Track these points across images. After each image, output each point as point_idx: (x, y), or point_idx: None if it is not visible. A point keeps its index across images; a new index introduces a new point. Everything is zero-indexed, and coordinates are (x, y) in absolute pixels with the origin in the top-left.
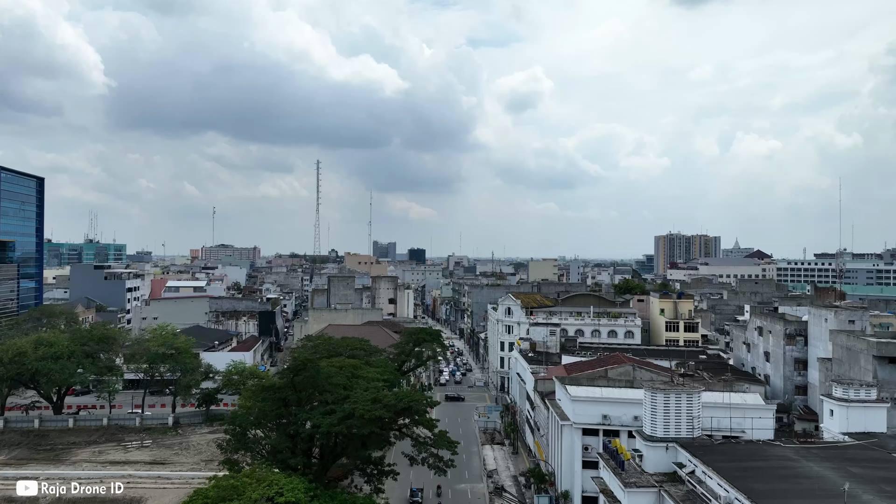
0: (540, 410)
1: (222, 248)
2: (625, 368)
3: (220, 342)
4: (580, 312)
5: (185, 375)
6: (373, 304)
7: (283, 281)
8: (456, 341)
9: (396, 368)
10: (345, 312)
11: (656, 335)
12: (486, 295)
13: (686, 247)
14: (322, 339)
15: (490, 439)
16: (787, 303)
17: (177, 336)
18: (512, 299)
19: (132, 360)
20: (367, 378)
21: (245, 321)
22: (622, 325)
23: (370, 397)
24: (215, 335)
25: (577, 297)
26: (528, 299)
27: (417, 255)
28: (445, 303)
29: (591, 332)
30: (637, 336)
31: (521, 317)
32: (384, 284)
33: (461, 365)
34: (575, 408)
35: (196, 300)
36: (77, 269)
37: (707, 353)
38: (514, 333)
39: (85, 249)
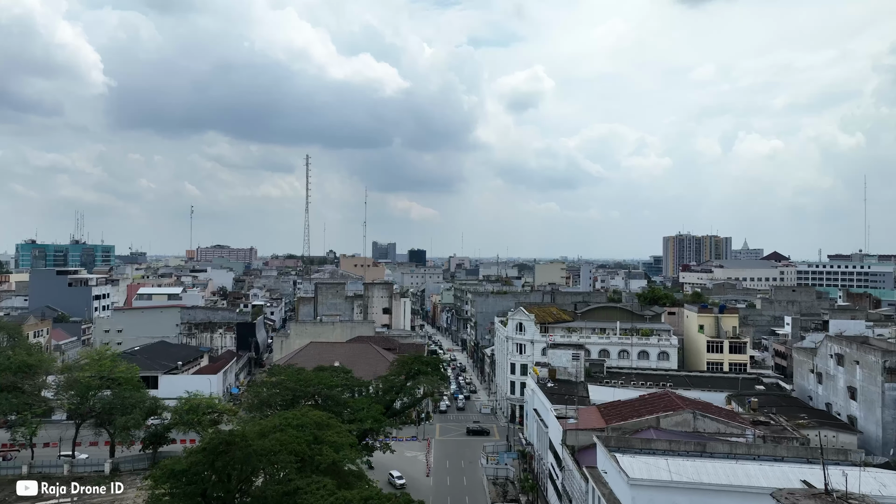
0: (572, 476)
1: (218, 249)
2: (682, 417)
3: (185, 361)
4: (604, 329)
5: (123, 414)
6: (365, 315)
7: (273, 285)
8: (458, 354)
9: (383, 410)
10: (332, 326)
11: (695, 356)
12: (491, 304)
13: (696, 248)
14: (288, 375)
15: (502, 495)
16: (838, 315)
17: (117, 363)
18: (524, 313)
19: (64, 391)
20: (331, 444)
21: (221, 334)
22: (655, 345)
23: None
24: (182, 353)
25: (598, 310)
26: (543, 313)
27: (418, 257)
28: (447, 310)
29: (617, 353)
30: (673, 358)
31: (535, 334)
32: (378, 292)
33: (464, 385)
34: (635, 496)
35: (166, 311)
36: (37, 275)
37: (762, 381)
38: (526, 354)
39: (71, 251)
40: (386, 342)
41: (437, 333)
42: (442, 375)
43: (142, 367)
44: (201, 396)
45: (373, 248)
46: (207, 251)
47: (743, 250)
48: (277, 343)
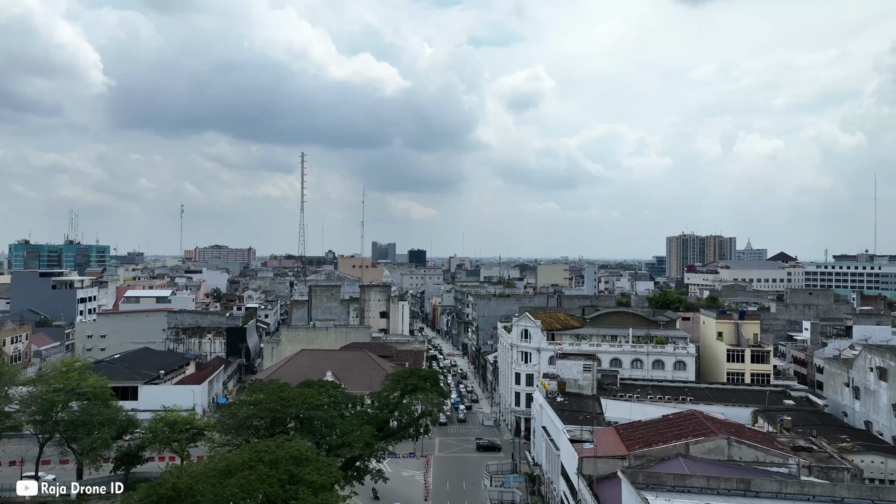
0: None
1: (216, 249)
2: (715, 443)
3: (169, 370)
4: (615, 336)
5: (89, 433)
6: (361, 320)
7: (269, 287)
8: (458, 359)
9: (375, 432)
10: (325, 332)
11: (713, 366)
12: (493, 307)
13: (700, 248)
14: (269, 393)
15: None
16: (863, 320)
17: (85, 376)
18: (530, 319)
19: (26, 406)
20: (310, 484)
21: (210, 339)
22: (671, 354)
23: None
24: (166, 360)
25: (608, 316)
26: (550, 319)
27: (418, 257)
28: (447, 312)
29: (630, 362)
30: (690, 368)
31: (542, 342)
32: (375, 295)
33: (465, 394)
34: None
35: (152, 315)
36: (19, 277)
37: (790, 394)
38: (532, 363)
39: (65, 251)
40: (382, 349)
41: (436, 337)
42: (441, 391)
43: (122, 377)
44: (178, 412)
45: (372, 248)
46: (205, 251)
47: (746, 251)
48: (268, 350)
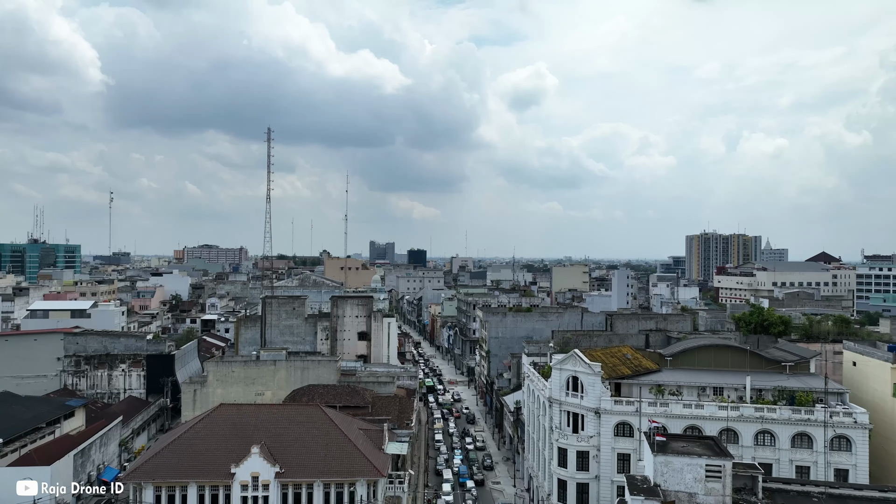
0: None
1: (205, 249)
2: None
3: (31, 429)
4: (720, 388)
5: None
6: (333, 344)
7: (241, 292)
8: (463, 389)
9: None
10: (272, 368)
11: (889, 441)
12: (509, 326)
13: (724, 248)
14: None
15: None
16: None
17: None
18: (581, 360)
19: None
20: None
21: (124, 372)
22: (818, 424)
23: None
24: (34, 410)
25: (698, 352)
26: (609, 359)
27: (417, 257)
28: (448, 326)
29: (753, 436)
30: (860, 448)
31: (604, 399)
32: (352, 311)
33: (475, 455)
34: None
35: (43, 338)
36: None
37: None
38: (586, 432)
39: (28, 251)
40: (351, 395)
41: (435, 356)
42: None
43: None
44: None
45: (370, 247)
46: (195, 251)
47: (766, 250)
48: (188, 394)
